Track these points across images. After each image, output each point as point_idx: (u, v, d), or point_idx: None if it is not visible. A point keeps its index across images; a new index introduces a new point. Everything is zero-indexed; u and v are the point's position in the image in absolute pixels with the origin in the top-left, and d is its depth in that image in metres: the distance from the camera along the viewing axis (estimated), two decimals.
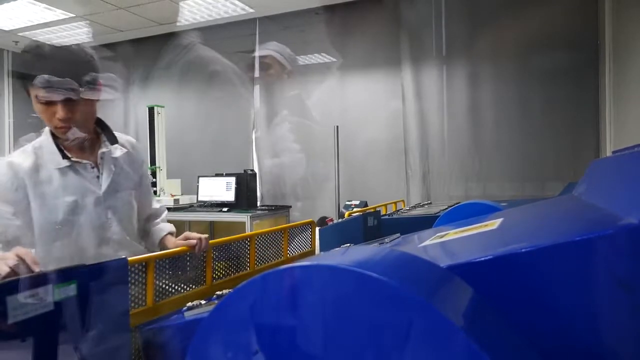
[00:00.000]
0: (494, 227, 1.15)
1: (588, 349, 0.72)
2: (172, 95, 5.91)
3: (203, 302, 0.98)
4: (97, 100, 1.47)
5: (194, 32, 5.39)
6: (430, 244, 1.22)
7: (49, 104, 1.37)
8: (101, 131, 1.58)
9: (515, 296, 0.75)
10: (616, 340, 0.71)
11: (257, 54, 5.43)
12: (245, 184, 4.97)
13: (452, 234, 1.28)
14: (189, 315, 0.95)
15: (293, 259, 1.81)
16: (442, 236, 1.29)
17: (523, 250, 0.75)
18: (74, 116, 1.40)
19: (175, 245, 1.48)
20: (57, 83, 1.32)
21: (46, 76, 1.31)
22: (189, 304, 0.98)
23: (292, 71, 5.33)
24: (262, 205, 5.27)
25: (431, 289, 0.69)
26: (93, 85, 1.41)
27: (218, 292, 1.03)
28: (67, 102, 1.38)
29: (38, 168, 1.45)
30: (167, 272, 1.32)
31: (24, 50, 1.38)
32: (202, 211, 4.91)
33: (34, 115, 1.43)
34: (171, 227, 1.75)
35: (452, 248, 1.09)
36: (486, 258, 0.77)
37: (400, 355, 0.62)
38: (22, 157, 1.45)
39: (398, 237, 1.74)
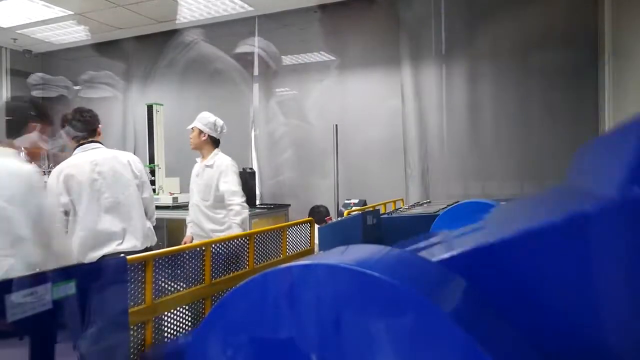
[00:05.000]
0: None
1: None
2: (172, 93, 5.88)
3: None
4: None
5: (195, 30, 5.37)
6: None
7: None
8: None
9: (502, 286, 0.75)
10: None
11: (256, 50, 5.42)
12: (244, 182, 4.95)
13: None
14: None
15: (292, 258, 1.81)
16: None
17: (500, 239, 0.76)
18: None
19: None
20: None
21: None
22: None
23: (277, 71, 5.34)
24: (261, 204, 5.26)
25: (432, 288, 0.69)
26: None
27: None
28: None
29: None
30: (166, 270, 1.32)
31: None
32: None
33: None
34: None
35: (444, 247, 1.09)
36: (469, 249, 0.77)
37: (401, 354, 0.62)
38: None
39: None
